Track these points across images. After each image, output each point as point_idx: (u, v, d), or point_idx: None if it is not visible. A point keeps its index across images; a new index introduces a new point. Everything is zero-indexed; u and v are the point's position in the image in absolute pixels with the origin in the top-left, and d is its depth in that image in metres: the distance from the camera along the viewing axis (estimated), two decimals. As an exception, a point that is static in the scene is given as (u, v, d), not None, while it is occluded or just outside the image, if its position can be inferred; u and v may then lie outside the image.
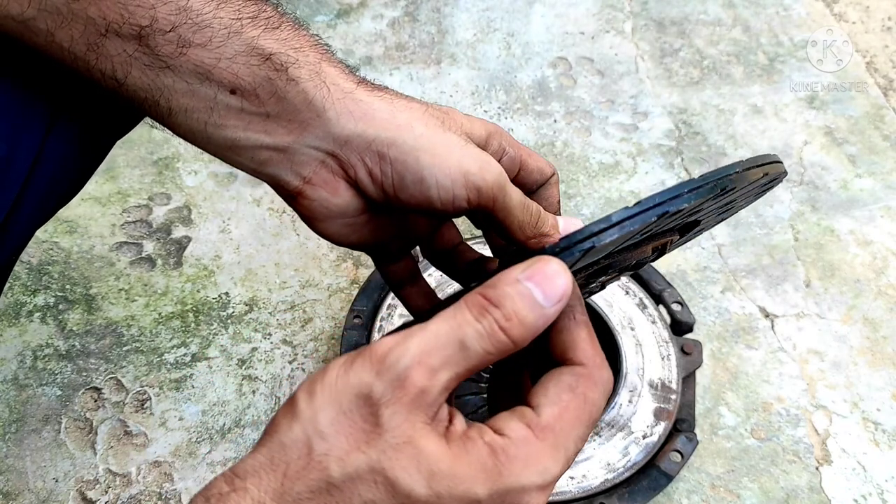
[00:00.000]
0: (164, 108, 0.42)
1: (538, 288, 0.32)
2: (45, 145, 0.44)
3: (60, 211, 0.99)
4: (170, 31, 0.39)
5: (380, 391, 0.30)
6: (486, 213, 0.45)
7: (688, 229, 0.48)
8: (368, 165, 0.44)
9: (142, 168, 0.99)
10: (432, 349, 0.31)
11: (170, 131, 0.44)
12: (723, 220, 0.55)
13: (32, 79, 0.43)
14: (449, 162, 0.43)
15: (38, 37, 0.39)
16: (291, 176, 0.44)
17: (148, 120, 0.44)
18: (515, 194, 0.45)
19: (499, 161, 0.48)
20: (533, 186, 0.51)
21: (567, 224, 0.47)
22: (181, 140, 0.45)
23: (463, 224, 0.88)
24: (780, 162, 0.42)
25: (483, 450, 0.31)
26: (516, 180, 0.50)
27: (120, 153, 1.00)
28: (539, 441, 0.31)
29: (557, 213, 0.52)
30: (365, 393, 0.30)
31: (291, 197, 0.46)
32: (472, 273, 0.54)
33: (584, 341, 0.34)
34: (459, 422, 0.32)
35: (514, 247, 0.47)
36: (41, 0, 0.38)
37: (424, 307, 0.55)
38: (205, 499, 0.30)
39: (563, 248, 0.33)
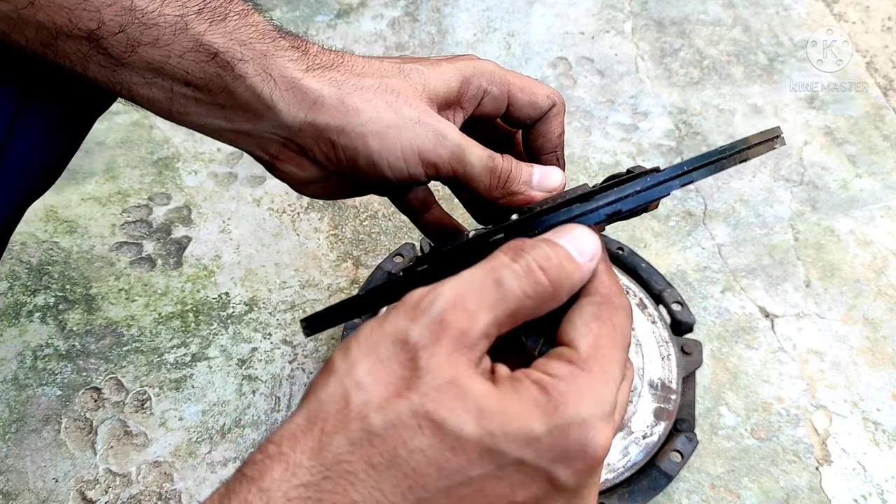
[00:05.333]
0: (128, 96, 0.43)
1: (570, 244, 0.32)
2: (15, 126, 0.44)
3: (60, 211, 0.99)
4: (119, 33, 0.39)
5: (417, 335, 0.29)
6: (451, 180, 0.46)
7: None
8: (323, 150, 0.45)
9: (142, 168, 0.99)
10: (467, 292, 0.29)
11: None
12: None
13: None
14: (399, 144, 0.43)
15: None
16: (261, 152, 0.46)
17: (146, 121, 0.45)
18: (478, 160, 0.44)
19: (480, 103, 0.47)
20: (527, 121, 0.49)
21: (542, 178, 0.46)
22: (181, 140, 0.46)
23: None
24: (775, 138, 0.41)
25: (532, 388, 0.29)
26: (507, 117, 0.49)
27: (120, 153, 1.00)
28: (586, 373, 0.30)
29: (558, 149, 0.50)
30: (401, 339, 0.29)
31: (267, 167, 0.48)
32: (440, 234, 0.54)
33: (597, 273, 0.33)
34: (503, 369, 0.31)
35: (484, 202, 0.47)
36: None
37: (440, 232, 0.54)
38: (241, 474, 0.28)
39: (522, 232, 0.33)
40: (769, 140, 0.39)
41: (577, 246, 0.32)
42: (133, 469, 0.75)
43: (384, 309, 0.59)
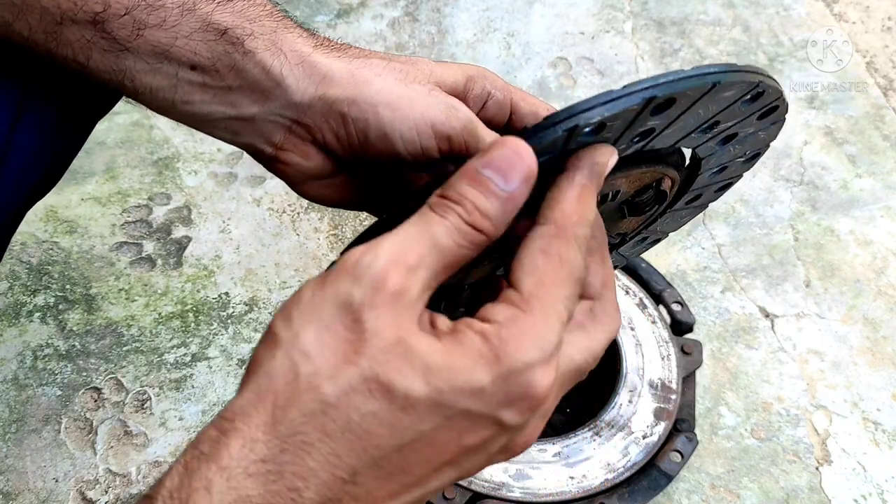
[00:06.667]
0: (130, 88, 0.42)
1: (497, 174, 0.30)
2: (17, 126, 0.44)
3: (60, 211, 0.99)
4: (124, 15, 0.39)
5: (359, 296, 0.29)
6: (461, 161, 0.45)
7: (689, 182, 0.46)
8: (333, 127, 0.44)
9: (142, 168, 0.99)
10: (405, 249, 0.29)
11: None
12: (725, 185, 0.51)
13: None
14: (411, 114, 0.42)
15: None
16: (264, 144, 0.45)
17: (147, 121, 0.44)
18: (490, 138, 0.44)
19: (484, 106, 0.47)
20: None
21: None
22: (181, 140, 0.45)
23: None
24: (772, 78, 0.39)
25: (475, 338, 0.29)
26: (509, 126, 0.49)
27: (120, 153, 1.00)
28: (527, 315, 0.30)
29: None
30: (343, 301, 0.29)
31: (268, 163, 0.47)
32: None
33: (565, 199, 0.32)
34: (443, 321, 0.31)
35: None
36: None
37: None
38: (199, 452, 0.28)
39: (534, 132, 0.31)
40: (755, 73, 0.38)
41: (505, 173, 0.30)
42: (133, 469, 0.75)
43: None
